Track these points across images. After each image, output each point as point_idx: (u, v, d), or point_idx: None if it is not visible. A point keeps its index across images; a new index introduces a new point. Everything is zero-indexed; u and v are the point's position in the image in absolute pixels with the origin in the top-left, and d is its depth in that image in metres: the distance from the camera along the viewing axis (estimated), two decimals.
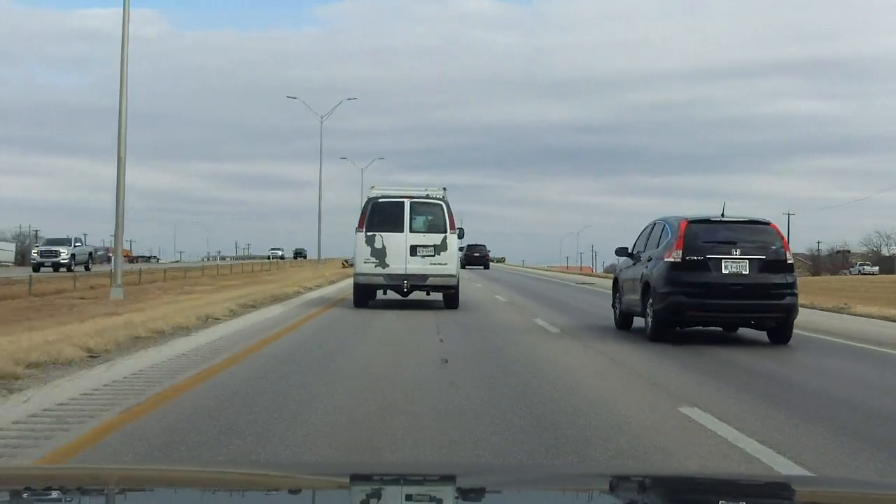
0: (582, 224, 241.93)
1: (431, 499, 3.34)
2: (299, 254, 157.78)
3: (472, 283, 42.22)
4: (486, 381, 11.05)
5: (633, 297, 17.87)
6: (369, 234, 24.68)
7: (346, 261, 72.54)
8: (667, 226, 17.06)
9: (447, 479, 3.71)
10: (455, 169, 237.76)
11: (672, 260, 16.19)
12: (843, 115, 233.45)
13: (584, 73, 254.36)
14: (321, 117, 70.39)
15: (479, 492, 3.38)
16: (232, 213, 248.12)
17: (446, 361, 12.78)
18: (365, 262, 24.71)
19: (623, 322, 19.09)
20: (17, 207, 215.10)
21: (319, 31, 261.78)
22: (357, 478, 3.64)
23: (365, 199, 25.95)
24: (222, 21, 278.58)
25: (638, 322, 18.51)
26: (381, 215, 24.77)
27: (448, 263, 24.76)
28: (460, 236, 25.86)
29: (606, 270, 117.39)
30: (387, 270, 24.55)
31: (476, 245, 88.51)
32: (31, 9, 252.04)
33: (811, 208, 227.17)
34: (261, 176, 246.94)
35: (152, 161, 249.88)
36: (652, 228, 18.03)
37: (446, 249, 24.72)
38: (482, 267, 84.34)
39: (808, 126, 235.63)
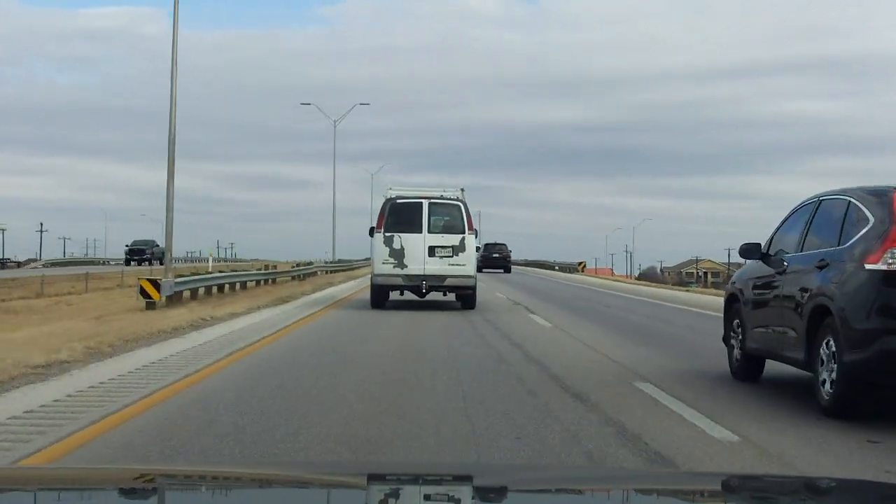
0: (581, 225, 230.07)
1: (449, 499, 3.29)
2: (137, 254, 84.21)
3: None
4: None
5: (777, 330, 10.52)
6: (387, 234, 24.55)
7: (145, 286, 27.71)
8: (855, 204, 9.61)
9: (464, 479, 3.66)
10: (459, 170, 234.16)
11: (882, 267, 8.72)
12: (850, 115, 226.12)
13: (588, 73, 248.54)
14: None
15: (497, 491, 3.34)
16: (239, 215, 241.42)
17: None
18: (383, 263, 24.56)
19: (748, 369, 11.59)
20: (24, 208, 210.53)
21: (323, 31, 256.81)
22: (374, 477, 3.55)
23: (376, 196, 26.89)
24: (225, 20, 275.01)
25: (774, 370, 11.35)
26: (399, 216, 24.67)
27: (466, 264, 24.66)
28: (476, 237, 25.72)
29: (642, 276, 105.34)
30: (405, 271, 24.44)
31: (495, 244, 72.79)
32: (35, 7, 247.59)
33: None
34: (260, 176, 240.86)
35: (152, 160, 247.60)
36: (815, 210, 10.58)
37: (464, 250, 24.58)
38: (502, 270, 68.36)
39: (814, 126, 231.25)
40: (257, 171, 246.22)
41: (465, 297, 25.15)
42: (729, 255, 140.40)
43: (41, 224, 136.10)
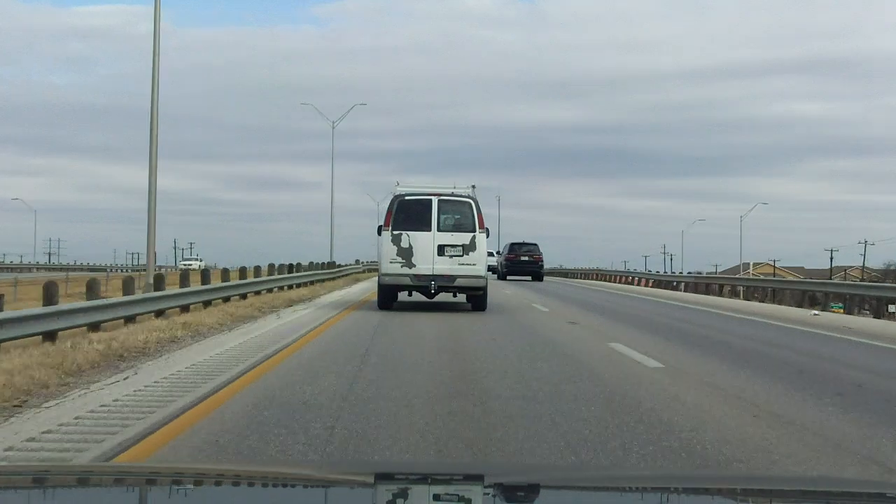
0: (578, 226, 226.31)
1: (460, 499, 3.18)
2: None
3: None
4: None
5: None
6: (395, 232, 24.01)
7: None
8: None
9: (475, 478, 3.63)
10: (455, 170, 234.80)
11: None
12: (851, 117, 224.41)
13: (586, 73, 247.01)
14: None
15: (510, 490, 3.25)
16: (233, 215, 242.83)
17: None
18: (391, 262, 23.99)
19: None
20: (15, 209, 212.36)
21: (318, 30, 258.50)
22: (382, 477, 3.50)
23: (391, 196, 25.22)
24: (219, 19, 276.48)
25: None
26: (407, 213, 24.17)
27: (477, 264, 24.07)
28: (486, 236, 24.87)
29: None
30: (413, 271, 23.89)
31: (522, 244, 57.71)
32: (28, 4, 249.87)
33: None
34: (260, 177, 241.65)
35: (145, 160, 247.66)
36: None
37: (475, 249, 24.02)
38: (531, 278, 54.61)
39: (815, 128, 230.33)
40: (243, 171, 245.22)
41: (476, 299, 24.70)
42: (833, 259, 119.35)
43: None
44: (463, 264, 23.76)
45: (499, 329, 19.08)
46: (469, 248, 23.82)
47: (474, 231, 23.94)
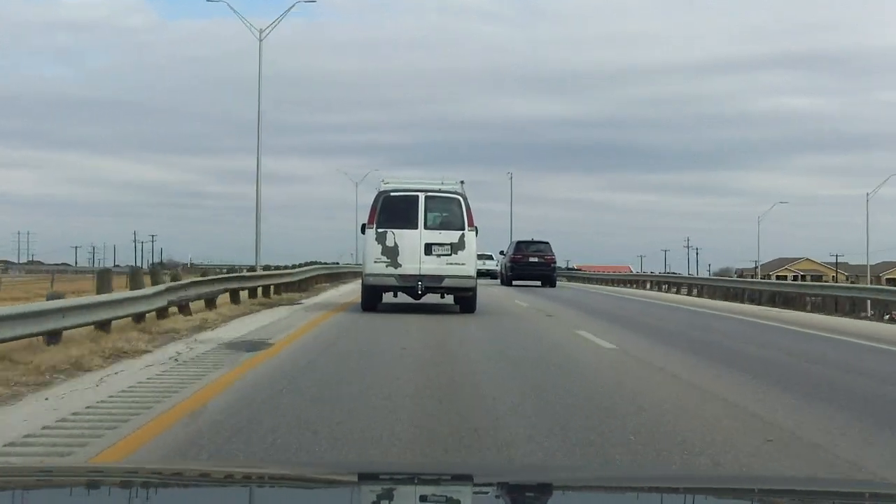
0: (573, 221, 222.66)
1: (449, 500, 3.13)
2: None
3: None
4: None
5: None
6: (380, 230, 23.15)
7: None
8: None
9: (464, 478, 3.59)
10: (446, 164, 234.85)
11: None
12: (843, 112, 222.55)
13: (578, 68, 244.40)
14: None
15: (500, 490, 3.20)
16: (223, 208, 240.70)
17: None
18: (375, 262, 23.14)
19: None
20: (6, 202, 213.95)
21: (307, 22, 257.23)
22: (366, 477, 3.40)
23: (376, 192, 24.25)
24: (207, 11, 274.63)
25: None
26: (392, 211, 23.32)
27: (466, 263, 23.24)
28: (476, 234, 23.99)
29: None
30: (399, 271, 23.03)
31: (530, 243, 49.35)
32: None
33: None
34: (247, 169, 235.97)
35: (138, 153, 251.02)
36: None
37: (464, 248, 23.20)
38: (541, 283, 46.87)
39: (807, 122, 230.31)
40: (230, 164, 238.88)
41: (464, 300, 23.79)
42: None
43: None
44: (451, 264, 22.92)
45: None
46: (458, 246, 23.03)
47: (463, 229, 23.14)
